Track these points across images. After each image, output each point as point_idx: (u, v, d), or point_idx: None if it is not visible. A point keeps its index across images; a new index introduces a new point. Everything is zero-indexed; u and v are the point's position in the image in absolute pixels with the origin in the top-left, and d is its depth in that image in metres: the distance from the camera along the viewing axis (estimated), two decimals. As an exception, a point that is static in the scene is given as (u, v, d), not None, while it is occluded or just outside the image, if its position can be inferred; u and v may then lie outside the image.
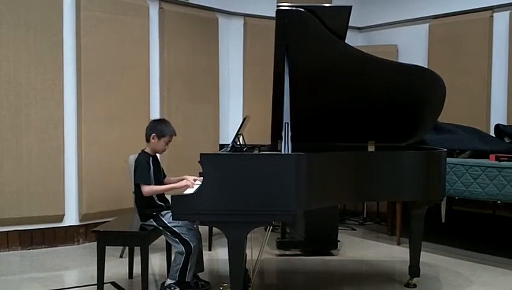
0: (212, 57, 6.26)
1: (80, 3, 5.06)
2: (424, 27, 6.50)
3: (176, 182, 3.67)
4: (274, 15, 3.11)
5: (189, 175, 3.68)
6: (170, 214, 3.29)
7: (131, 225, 3.78)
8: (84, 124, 5.11)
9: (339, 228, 5.21)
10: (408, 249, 4.01)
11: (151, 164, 3.66)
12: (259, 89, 6.13)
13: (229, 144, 3.70)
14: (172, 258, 3.64)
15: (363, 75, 3.59)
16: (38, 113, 4.88)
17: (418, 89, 3.70)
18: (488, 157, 4.62)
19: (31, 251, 4.90)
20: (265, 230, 4.40)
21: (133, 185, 3.73)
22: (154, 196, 3.63)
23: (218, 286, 3.73)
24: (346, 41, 3.39)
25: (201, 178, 3.40)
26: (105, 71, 5.24)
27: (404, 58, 6.54)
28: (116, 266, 4.35)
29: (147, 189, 3.53)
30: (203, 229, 4.34)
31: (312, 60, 3.42)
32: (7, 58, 4.73)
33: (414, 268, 3.95)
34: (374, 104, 3.80)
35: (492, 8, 5.86)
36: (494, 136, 5.27)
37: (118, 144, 5.25)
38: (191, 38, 6.01)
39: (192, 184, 3.44)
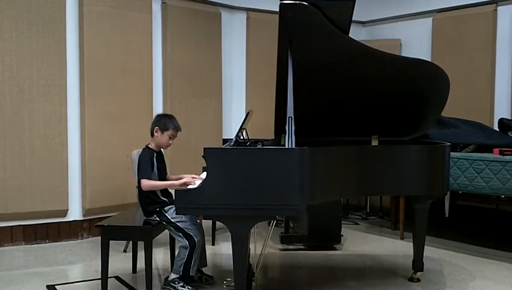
0: (214, 52, 6.25)
1: (83, -2, 5.07)
2: (428, 21, 6.48)
3: (175, 180, 3.64)
4: (277, 9, 3.09)
5: (189, 172, 3.67)
6: (173, 209, 3.29)
7: (134, 220, 3.79)
8: (88, 119, 5.12)
9: (342, 222, 5.21)
10: (411, 244, 4.02)
11: (154, 160, 3.64)
12: (262, 84, 6.12)
13: (232, 139, 3.69)
14: (176, 253, 3.65)
15: (367, 69, 3.58)
16: (41, 108, 4.88)
17: (421, 83, 3.69)
18: (491, 152, 4.60)
19: (34, 245, 4.91)
20: (269, 225, 4.41)
21: (136, 181, 3.72)
22: (157, 192, 3.62)
23: (221, 280, 3.74)
24: (349, 35, 3.38)
25: (201, 176, 3.41)
26: (108, 66, 5.24)
27: (407, 53, 6.53)
28: (120, 261, 4.36)
29: (145, 183, 3.51)
30: (207, 224, 4.35)
31: (315, 54, 3.41)
32: (10, 53, 4.73)
33: (418, 262, 3.95)
34: (377, 98, 3.79)
35: (496, 2, 5.84)
36: (497, 130, 5.25)
37: (121, 139, 5.26)
38: (193, 32, 6.00)
39: (192, 181, 3.42)
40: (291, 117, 3.00)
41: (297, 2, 3.06)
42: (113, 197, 5.22)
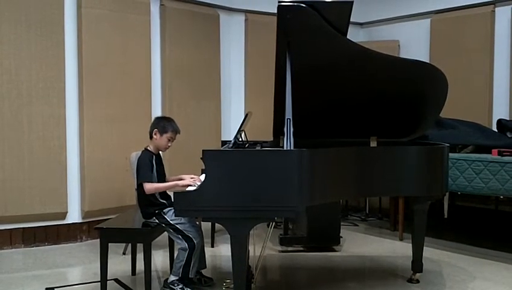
0: (213, 54, 6.25)
1: (81, 1, 5.06)
2: (426, 22, 6.49)
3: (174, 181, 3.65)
4: (275, 11, 3.10)
5: (188, 173, 3.67)
6: (172, 211, 3.30)
7: (133, 222, 3.79)
8: (86, 122, 5.12)
9: (341, 223, 5.21)
10: (411, 245, 4.01)
11: (154, 163, 3.64)
12: (261, 85, 6.12)
13: (231, 141, 3.69)
14: (175, 255, 3.64)
15: (365, 71, 3.59)
16: (39, 110, 4.88)
17: (420, 84, 3.69)
18: (490, 152, 4.61)
19: (34, 248, 4.91)
20: (268, 226, 4.41)
21: (135, 184, 3.72)
22: (156, 194, 3.62)
23: (221, 282, 3.74)
24: (347, 37, 3.38)
25: (200, 178, 3.41)
26: (107, 68, 5.24)
27: (405, 54, 6.54)
28: (119, 263, 4.36)
29: (148, 186, 3.52)
30: (206, 226, 4.35)
31: (314, 55, 3.41)
32: (8, 56, 4.73)
33: (417, 263, 3.95)
34: (376, 99, 3.80)
35: (494, 3, 5.85)
36: (496, 131, 5.26)
37: (120, 141, 5.26)
38: (192, 34, 6.01)
39: (194, 181, 3.42)
40: (290, 119, 3.01)
41: (295, 3, 3.06)
42: (112, 200, 5.22)
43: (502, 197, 4.55)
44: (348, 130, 4.02)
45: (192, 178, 3.53)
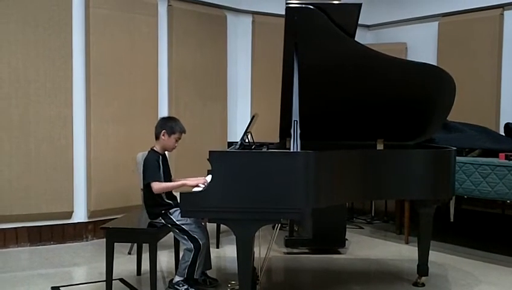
0: (220, 55, 6.26)
1: (89, 1, 5.08)
2: (434, 25, 6.47)
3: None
4: (283, 12, 3.10)
5: (194, 175, 3.67)
6: (178, 211, 3.30)
7: (139, 222, 3.79)
8: (93, 122, 5.13)
9: (347, 226, 5.20)
10: (416, 248, 4.00)
11: (160, 163, 3.65)
12: (268, 87, 6.13)
13: (237, 142, 3.69)
14: (181, 255, 3.65)
15: (372, 73, 3.58)
16: (47, 110, 4.89)
17: (427, 87, 3.68)
18: (497, 156, 4.59)
19: (39, 247, 4.92)
20: (273, 228, 4.40)
21: (141, 184, 3.72)
22: (162, 194, 3.63)
23: (226, 283, 3.74)
24: (355, 39, 3.38)
25: (206, 179, 3.41)
26: (114, 69, 5.25)
27: (413, 56, 6.52)
28: (125, 263, 4.36)
29: (156, 186, 3.52)
30: (211, 227, 4.35)
31: (321, 57, 3.41)
32: (16, 55, 4.75)
33: (422, 267, 3.94)
34: (383, 102, 3.79)
35: (502, 6, 5.83)
36: (503, 134, 5.24)
37: (126, 142, 5.27)
38: (199, 35, 6.02)
39: (204, 182, 3.41)
40: (297, 120, 3.00)
41: (303, 5, 3.06)
42: (118, 199, 5.23)
43: (508, 201, 4.52)
44: (354, 133, 4.01)
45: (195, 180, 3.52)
